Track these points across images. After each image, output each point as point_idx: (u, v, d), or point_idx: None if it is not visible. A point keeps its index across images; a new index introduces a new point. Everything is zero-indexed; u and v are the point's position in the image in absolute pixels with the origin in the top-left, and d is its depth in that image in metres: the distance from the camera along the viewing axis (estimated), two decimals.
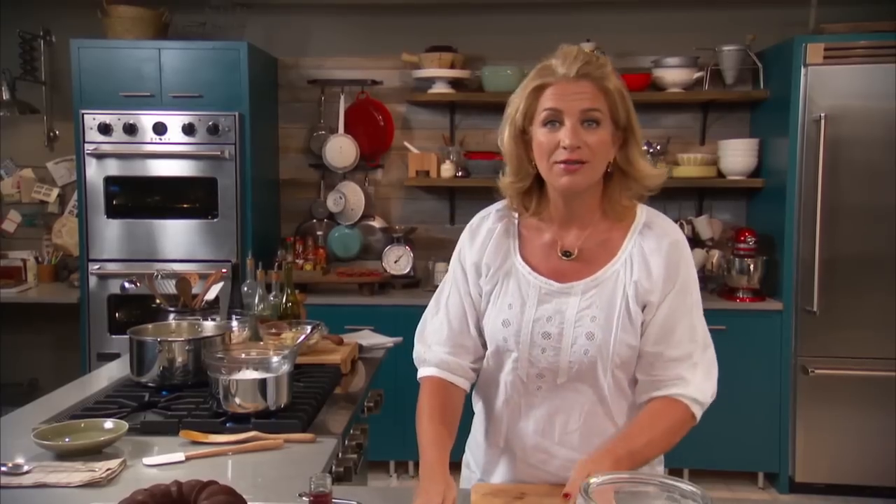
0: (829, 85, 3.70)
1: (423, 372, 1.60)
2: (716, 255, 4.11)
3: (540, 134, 1.45)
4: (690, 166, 4.12)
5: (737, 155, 4.08)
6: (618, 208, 1.50)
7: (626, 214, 1.52)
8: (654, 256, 1.48)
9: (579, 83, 1.41)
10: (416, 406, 1.56)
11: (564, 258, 1.51)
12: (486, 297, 1.56)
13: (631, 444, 1.41)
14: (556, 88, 1.43)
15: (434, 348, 1.59)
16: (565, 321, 1.48)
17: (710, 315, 1.54)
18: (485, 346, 1.58)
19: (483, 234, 1.58)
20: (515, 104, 1.49)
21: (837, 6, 4.00)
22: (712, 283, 4.17)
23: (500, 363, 1.56)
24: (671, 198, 4.26)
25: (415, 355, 1.63)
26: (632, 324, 1.47)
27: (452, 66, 4.20)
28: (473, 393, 1.66)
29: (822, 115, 3.67)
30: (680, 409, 1.46)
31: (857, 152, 3.71)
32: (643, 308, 1.48)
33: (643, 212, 1.53)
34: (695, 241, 4.20)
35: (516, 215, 1.58)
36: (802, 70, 3.70)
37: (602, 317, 1.47)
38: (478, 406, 1.66)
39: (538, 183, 1.53)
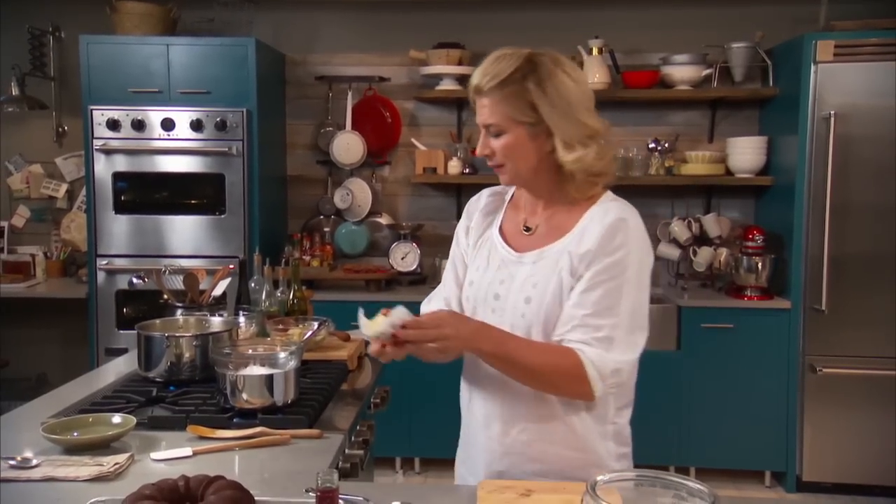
0: (839, 82, 3.68)
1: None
2: (724, 253, 4.09)
3: None
4: (698, 164, 4.11)
5: (745, 153, 4.07)
6: (571, 190, 1.56)
7: (591, 199, 1.57)
8: (592, 226, 1.52)
9: (482, 98, 1.55)
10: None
11: (525, 232, 1.64)
12: (467, 258, 1.71)
13: (509, 345, 1.48)
14: (474, 99, 1.58)
15: (433, 301, 1.75)
16: (513, 285, 1.58)
17: (717, 313, 1.54)
18: None
19: (476, 205, 1.74)
20: None
21: (847, 4, 3.97)
22: (720, 282, 4.14)
23: None
24: (679, 196, 4.25)
25: None
26: (563, 293, 1.51)
27: (460, 63, 4.19)
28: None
29: (832, 112, 3.66)
30: (574, 359, 1.45)
31: (866, 150, 3.69)
32: (578, 279, 1.50)
33: (606, 197, 1.59)
34: (703, 240, 4.19)
35: (510, 194, 1.71)
36: (812, 67, 3.69)
37: (542, 283, 1.54)
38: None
39: None
